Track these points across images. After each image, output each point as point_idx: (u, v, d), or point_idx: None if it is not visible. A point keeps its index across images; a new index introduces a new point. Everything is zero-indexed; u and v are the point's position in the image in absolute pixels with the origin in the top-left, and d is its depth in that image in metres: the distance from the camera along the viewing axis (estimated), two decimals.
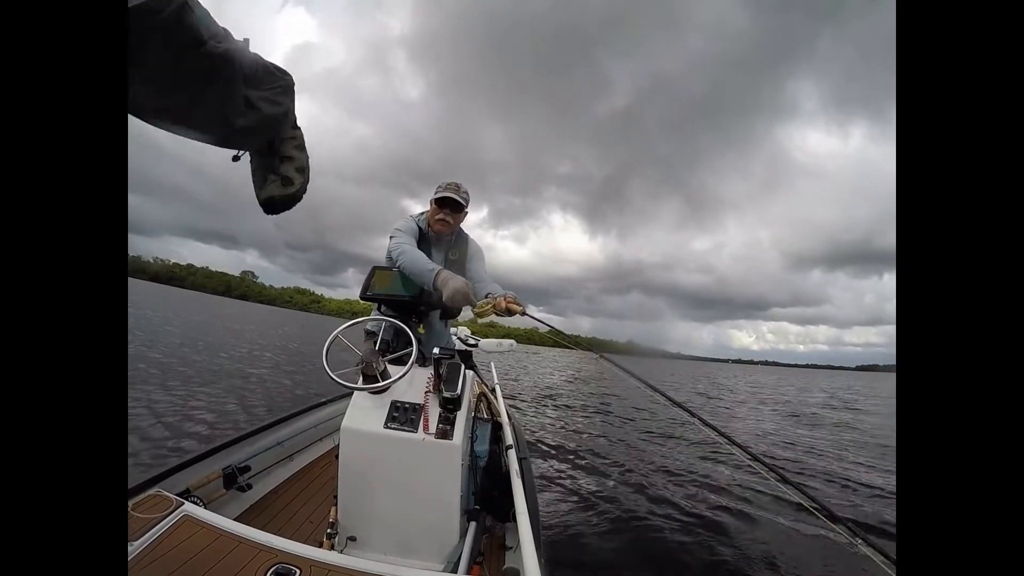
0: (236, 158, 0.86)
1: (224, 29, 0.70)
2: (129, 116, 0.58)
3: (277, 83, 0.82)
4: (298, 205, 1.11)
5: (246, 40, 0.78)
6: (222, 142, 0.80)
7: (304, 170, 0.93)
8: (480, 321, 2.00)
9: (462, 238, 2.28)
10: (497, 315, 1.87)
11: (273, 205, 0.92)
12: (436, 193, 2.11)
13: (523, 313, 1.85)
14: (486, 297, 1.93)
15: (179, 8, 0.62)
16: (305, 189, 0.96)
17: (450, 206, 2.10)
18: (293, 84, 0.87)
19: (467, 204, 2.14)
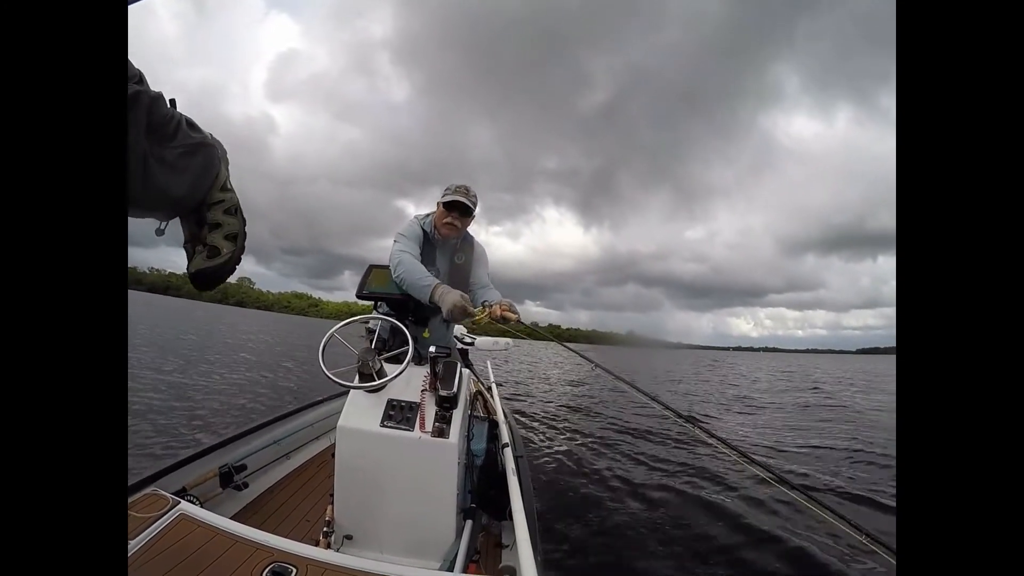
0: (160, 231, 0.73)
1: (139, 71, 0.59)
2: None
3: (193, 140, 0.70)
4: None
5: (168, 98, 0.65)
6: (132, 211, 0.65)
7: (235, 237, 0.80)
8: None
9: (468, 241, 2.24)
10: (493, 322, 1.87)
11: (200, 279, 0.80)
12: (444, 196, 2.07)
13: (518, 320, 1.86)
14: (483, 305, 1.93)
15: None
16: (239, 259, 0.82)
17: (459, 210, 2.06)
18: (214, 144, 0.76)
19: (476, 207, 2.10)
